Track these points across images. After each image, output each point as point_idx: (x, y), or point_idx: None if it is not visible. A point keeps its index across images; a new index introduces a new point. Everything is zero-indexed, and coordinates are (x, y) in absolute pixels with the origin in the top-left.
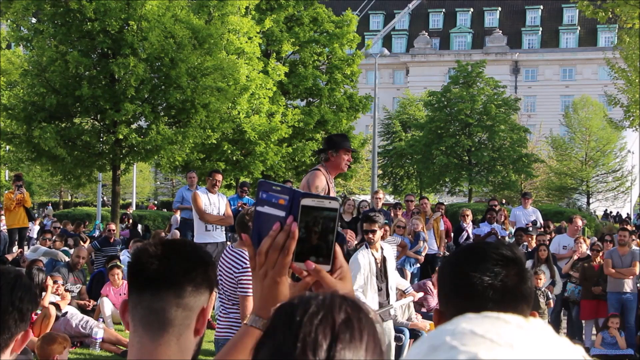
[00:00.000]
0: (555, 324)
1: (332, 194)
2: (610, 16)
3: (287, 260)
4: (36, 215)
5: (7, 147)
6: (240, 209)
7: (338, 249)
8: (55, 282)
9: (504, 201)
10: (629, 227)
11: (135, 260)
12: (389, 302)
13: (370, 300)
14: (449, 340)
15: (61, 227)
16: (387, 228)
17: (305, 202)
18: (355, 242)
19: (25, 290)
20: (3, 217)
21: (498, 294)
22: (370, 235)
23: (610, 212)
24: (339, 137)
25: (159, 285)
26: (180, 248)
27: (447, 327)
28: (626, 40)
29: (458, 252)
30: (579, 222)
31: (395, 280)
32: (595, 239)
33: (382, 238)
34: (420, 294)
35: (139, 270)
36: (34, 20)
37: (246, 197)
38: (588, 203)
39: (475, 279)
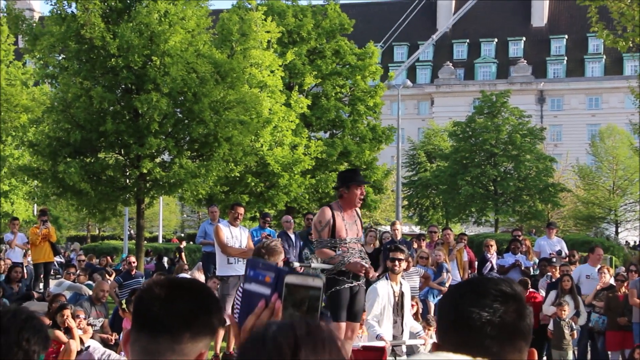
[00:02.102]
0: (582, 355)
1: (342, 229)
2: (631, 45)
3: None
4: (63, 249)
5: (34, 182)
6: (264, 240)
7: None
8: (77, 316)
9: (533, 231)
10: None
11: (139, 298)
12: (402, 337)
13: (385, 330)
14: None
15: (86, 260)
16: (410, 259)
17: (290, 279)
18: (377, 274)
19: (33, 332)
20: (29, 252)
21: (496, 330)
22: (396, 263)
23: (635, 242)
24: (349, 173)
25: (157, 329)
26: (185, 292)
27: None
28: None
29: (457, 287)
30: (601, 252)
31: (410, 318)
32: (623, 268)
33: (405, 269)
34: (431, 340)
35: (140, 310)
36: (59, 57)
37: (268, 228)
38: (616, 232)
39: (473, 314)
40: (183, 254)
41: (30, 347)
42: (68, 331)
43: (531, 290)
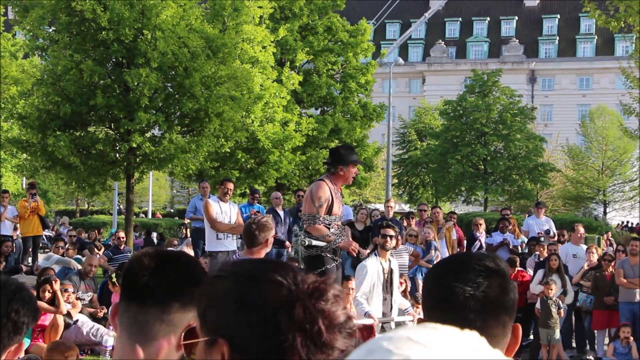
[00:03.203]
0: (567, 333)
1: (338, 205)
2: (623, 26)
3: None
4: (51, 223)
5: (24, 155)
6: (253, 216)
7: None
8: (66, 290)
9: (526, 210)
10: None
11: (128, 269)
12: (391, 314)
13: (375, 308)
14: (385, 344)
15: (76, 235)
16: (400, 237)
17: None
18: (367, 251)
19: (22, 303)
20: (18, 225)
21: (479, 304)
22: (387, 240)
23: (627, 223)
24: (346, 151)
25: (146, 299)
26: (174, 263)
27: (387, 334)
28: None
29: (441, 263)
30: (581, 230)
31: (399, 295)
32: (612, 248)
33: (394, 247)
34: (420, 315)
35: (130, 280)
36: (50, 29)
37: (257, 204)
38: (605, 213)
39: (456, 288)
40: (188, 230)
41: (20, 318)
42: (52, 304)
43: (519, 268)
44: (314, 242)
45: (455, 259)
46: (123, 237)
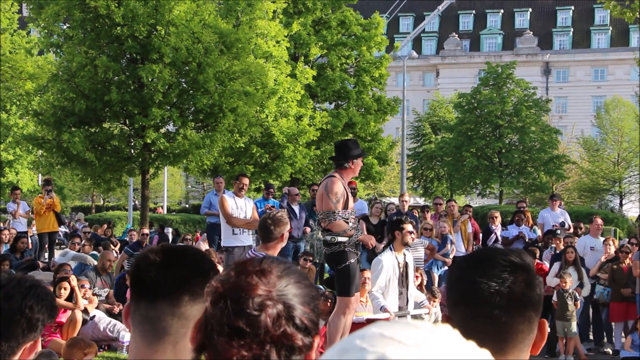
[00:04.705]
0: (585, 326)
1: (351, 200)
2: (638, 16)
3: None
4: (67, 219)
5: (39, 152)
6: (268, 211)
7: None
8: (82, 286)
9: (541, 203)
10: None
11: (134, 266)
12: (407, 308)
13: (391, 302)
14: (358, 343)
15: (91, 231)
16: (415, 231)
17: None
18: (382, 245)
19: (37, 300)
20: (34, 222)
21: (504, 300)
22: (410, 235)
23: None
24: (353, 144)
25: (155, 294)
26: (180, 257)
27: (358, 332)
28: None
29: (466, 258)
30: (599, 221)
31: (414, 289)
32: (627, 239)
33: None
34: (435, 310)
35: (137, 277)
36: (64, 26)
37: (272, 199)
38: (621, 204)
39: (481, 284)
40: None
41: (34, 315)
42: (69, 300)
43: (538, 261)
44: (339, 239)
45: (480, 254)
46: (147, 234)
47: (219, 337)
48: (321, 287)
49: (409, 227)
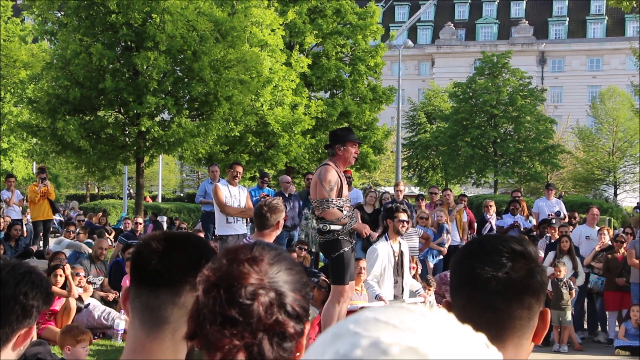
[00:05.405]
0: (579, 315)
1: (345, 188)
2: (635, 5)
3: None
4: (61, 208)
5: (34, 139)
6: (262, 199)
7: None
8: (77, 274)
9: (536, 192)
10: None
11: (136, 253)
12: (402, 297)
13: (386, 290)
14: (352, 327)
15: (86, 219)
16: (410, 220)
17: None
18: (377, 234)
19: (31, 286)
20: (28, 210)
21: (500, 285)
22: (404, 224)
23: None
24: (344, 131)
25: (157, 283)
26: (182, 245)
27: (351, 317)
28: None
29: (467, 245)
30: (596, 211)
31: (409, 277)
32: (622, 229)
33: (406, 230)
34: (431, 298)
35: (139, 265)
36: (58, 14)
37: (267, 187)
38: (615, 194)
39: (479, 269)
40: None
41: (28, 301)
42: (63, 288)
43: None
44: (332, 227)
45: (481, 241)
46: (141, 223)
47: (211, 326)
48: (319, 272)
49: (401, 215)
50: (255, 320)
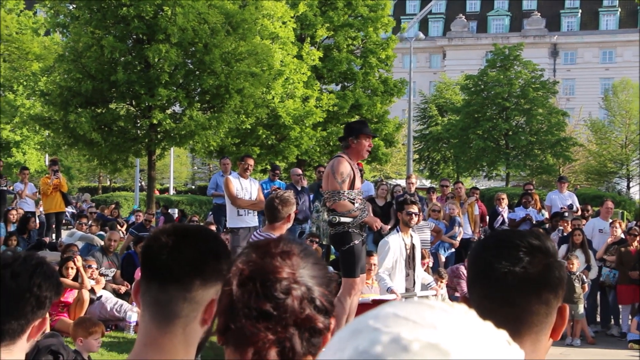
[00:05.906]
0: (592, 308)
1: (358, 180)
2: None
3: None
4: (73, 200)
5: (46, 132)
6: (273, 192)
7: None
8: (89, 266)
9: (548, 185)
10: None
11: (146, 247)
12: (414, 289)
13: (398, 283)
14: (372, 323)
15: (98, 211)
16: (421, 213)
17: None
18: (389, 227)
19: (44, 277)
20: (41, 202)
21: (517, 280)
22: (413, 216)
23: None
24: (358, 124)
25: (166, 278)
26: (192, 239)
27: (371, 312)
28: None
29: (484, 239)
30: (610, 204)
31: (421, 270)
32: (635, 222)
33: (416, 223)
34: (443, 291)
35: (149, 259)
36: (70, 6)
37: (278, 180)
38: (628, 187)
39: (496, 264)
40: None
41: (42, 292)
42: (75, 280)
43: None
44: (342, 219)
45: (499, 235)
46: (152, 214)
47: (246, 320)
48: (330, 267)
49: (410, 207)
50: (288, 314)
